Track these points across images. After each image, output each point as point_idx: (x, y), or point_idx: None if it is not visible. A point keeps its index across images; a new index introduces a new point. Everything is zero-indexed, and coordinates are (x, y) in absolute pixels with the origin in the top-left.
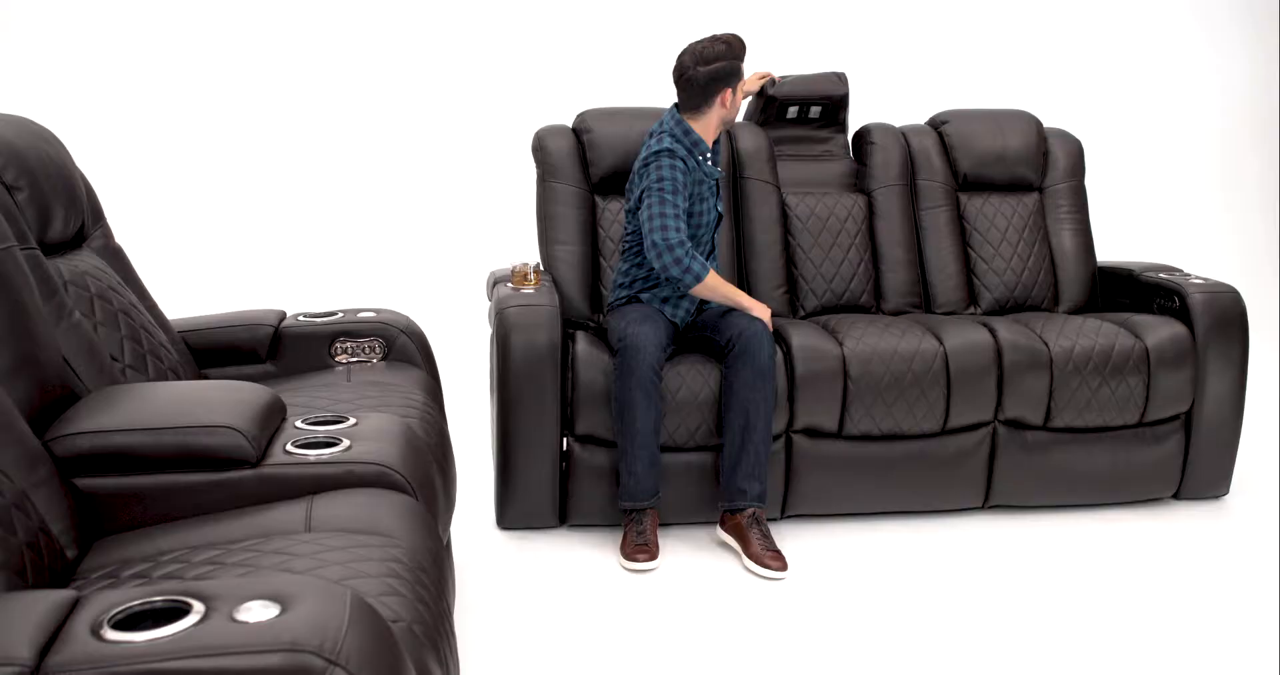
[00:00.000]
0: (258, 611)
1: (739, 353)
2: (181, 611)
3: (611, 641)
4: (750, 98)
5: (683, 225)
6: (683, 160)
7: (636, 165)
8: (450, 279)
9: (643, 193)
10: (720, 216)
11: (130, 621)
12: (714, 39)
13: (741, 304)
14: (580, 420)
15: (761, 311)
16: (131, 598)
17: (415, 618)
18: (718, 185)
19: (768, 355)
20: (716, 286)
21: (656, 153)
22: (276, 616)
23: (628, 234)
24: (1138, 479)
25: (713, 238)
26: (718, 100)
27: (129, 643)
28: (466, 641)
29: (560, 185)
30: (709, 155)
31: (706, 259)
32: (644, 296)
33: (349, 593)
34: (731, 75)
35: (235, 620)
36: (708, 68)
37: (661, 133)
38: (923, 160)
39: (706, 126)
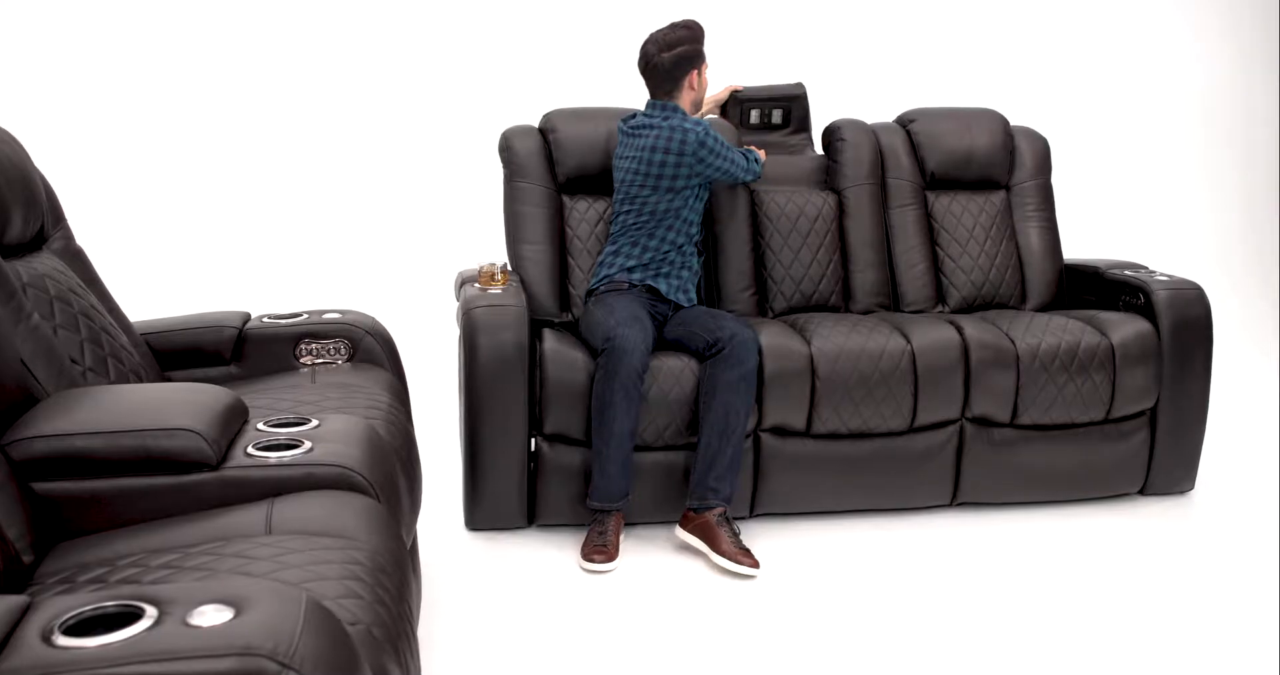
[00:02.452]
0: (211, 615)
1: (727, 355)
2: (134, 616)
3: (580, 642)
4: (719, 108)
5: (742, 153)
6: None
7: (665, 152)
8: (418, 280)
9: (715, 167)
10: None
11: (84, 627)
12: (673, 25)
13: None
14: (548, 420)
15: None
16: (84, 603)
17: (374, 620)
18: None
19: (755, 361)
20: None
21: (705, 131)
22: (230, 620)
23: (639, 217)
24: (1104, 475)
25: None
26: (685, 83)
27: (80, 648)
28: (433, 643)
29: (527, 185)
30: None
31: (693, 241)
32: (650, 280)
33: (304, 595)
34: (695, 57)
35: (188, 624)
36: (671, 52)
37: (668, 116)
38: (890, 158)
39: (686, 110)
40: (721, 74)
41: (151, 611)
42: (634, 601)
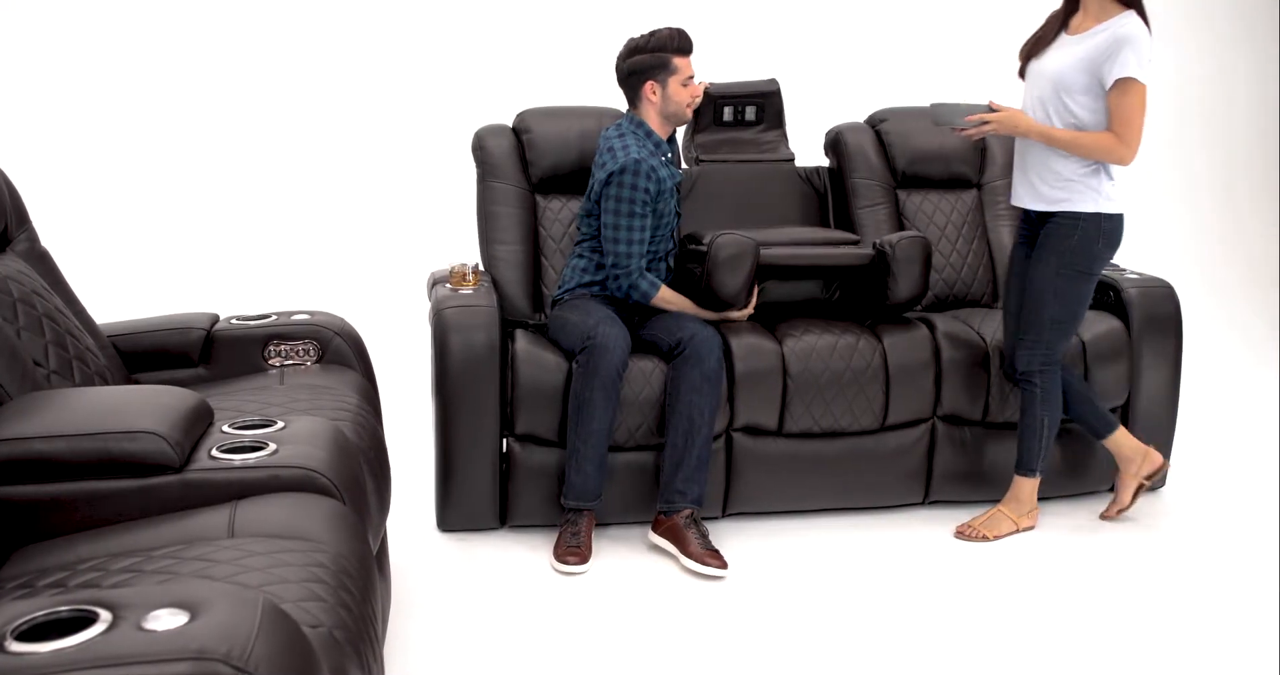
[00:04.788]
0: (166, 619)
1: (688, 356)
2: (89, 621)
3: (551, 643)
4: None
5: (636, 250)
6: (649, 175)
7: (600, 172)
8: (390, 280)
9: (603, 208)
10: (678, 214)
11: (39, 632)
12: (645, 33)
13: (699, 314)
14: (520, 420)
15: (716, 317)
16: (38, 608)
17: (336, 623)
18: (677, 187)
19: (716, 360)
20: (667, 302)
21: (621, 169)
22: (185, 624)
23: (588, 232)
24: (1076, 473)
25: (669, 237)
26: (643, 93)
27: (33, 654)
28: (404, 645)
29: (500, 185)
30: (669, 156)
31: (668, 256)
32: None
33: (261, 598)
34: (653, 68)
35: (143, 629)
36: (628, 61)
37: (623, 135)
38: (859, 158)
39: (652, 122)
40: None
41: (106, 616)
42: (606, 603)
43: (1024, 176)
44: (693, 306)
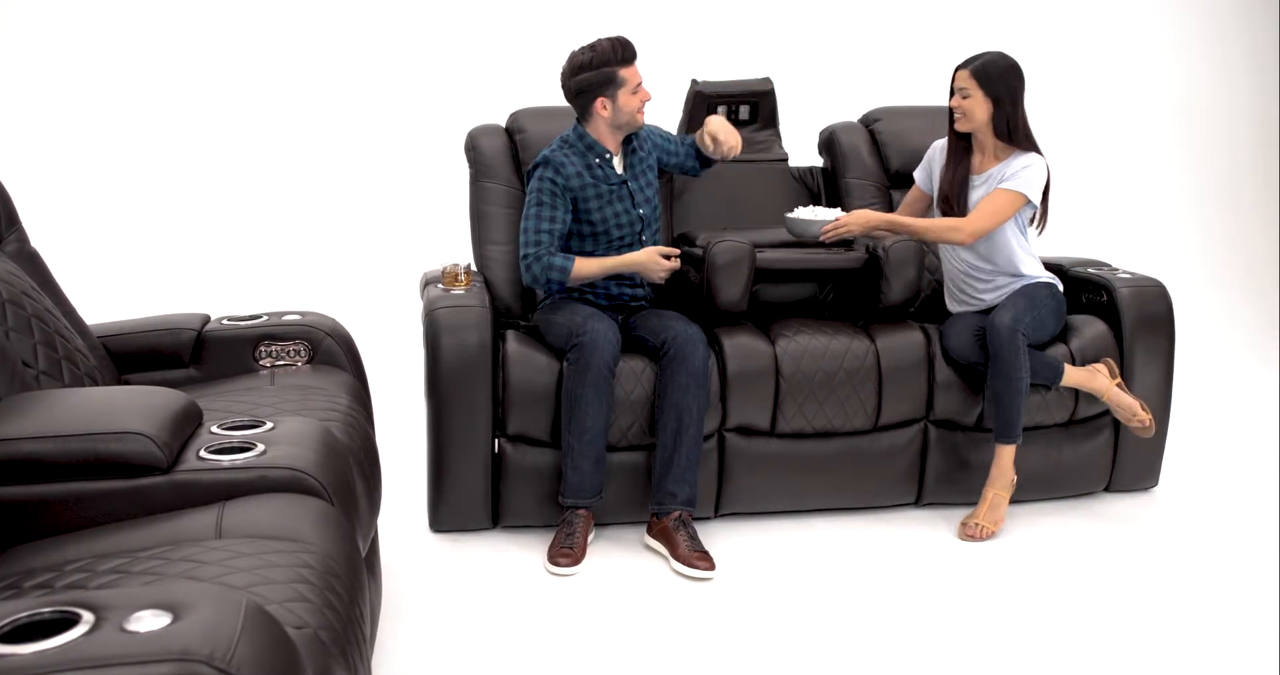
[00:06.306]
0: (149, 621)
1: (673, 356)
2: (71, 622)
3: (541, 644)
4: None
5: (544, 238)
6: (558, 169)
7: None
8: (382, 281)
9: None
10: (643, 219)
11: (21, 633)
12: (586, 47)
13: (624, 265)
14: (512, 420)
15: (646, 256)
16: (21, 609)
17: (322, 624)
18: (627, 188)
19: (702, 358)
20: (587, 267)
21: (535, 166)
22: (167, 625)
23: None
24: (1070, 474)
25: (639, 240)
26: (594, 108)
27: (14, 655)
28: (395, 646)
29: (493, 185)
30: (608, 157)
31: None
32: (588, 291)
33: (244, 599)
34: (601, 85)
35: (125, 630)
36: (574, 79)
37: (557, 139)
38: (853, 158)
39: (599, 132)
40: (688, 70)
41: (88, 617)
42: (597, 604)
43: (991, 289)
44: (615, 262)
